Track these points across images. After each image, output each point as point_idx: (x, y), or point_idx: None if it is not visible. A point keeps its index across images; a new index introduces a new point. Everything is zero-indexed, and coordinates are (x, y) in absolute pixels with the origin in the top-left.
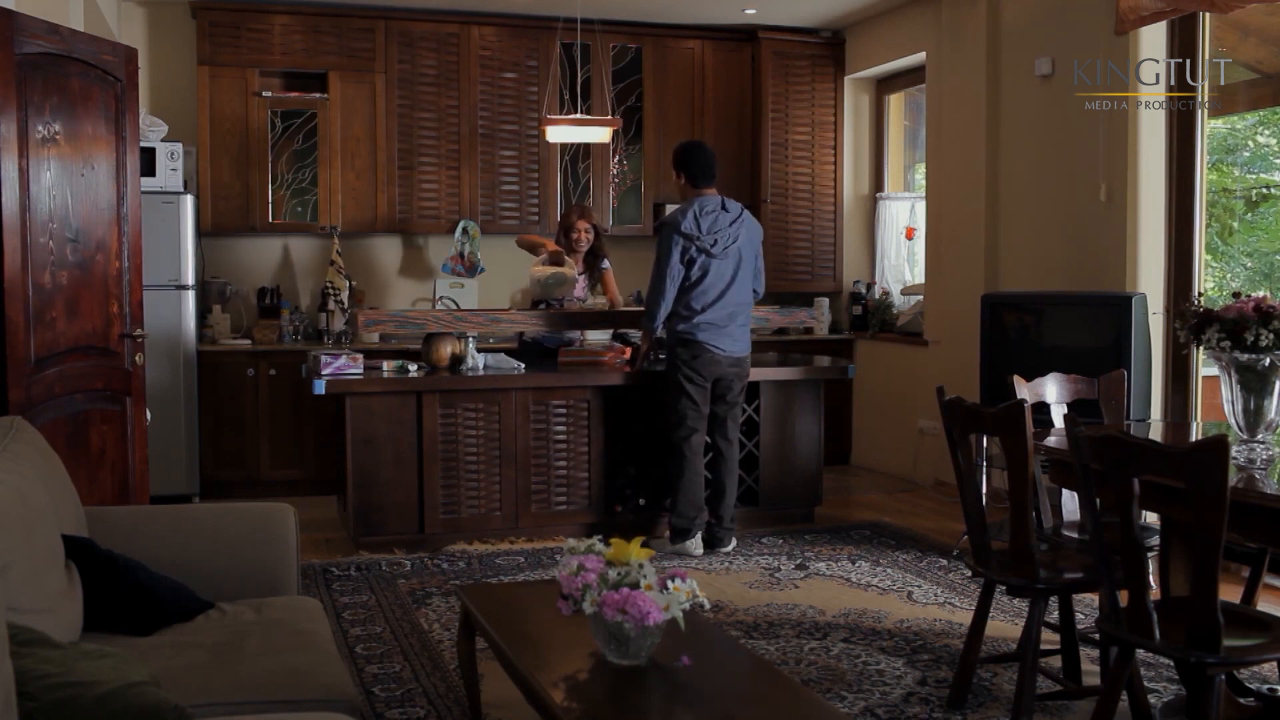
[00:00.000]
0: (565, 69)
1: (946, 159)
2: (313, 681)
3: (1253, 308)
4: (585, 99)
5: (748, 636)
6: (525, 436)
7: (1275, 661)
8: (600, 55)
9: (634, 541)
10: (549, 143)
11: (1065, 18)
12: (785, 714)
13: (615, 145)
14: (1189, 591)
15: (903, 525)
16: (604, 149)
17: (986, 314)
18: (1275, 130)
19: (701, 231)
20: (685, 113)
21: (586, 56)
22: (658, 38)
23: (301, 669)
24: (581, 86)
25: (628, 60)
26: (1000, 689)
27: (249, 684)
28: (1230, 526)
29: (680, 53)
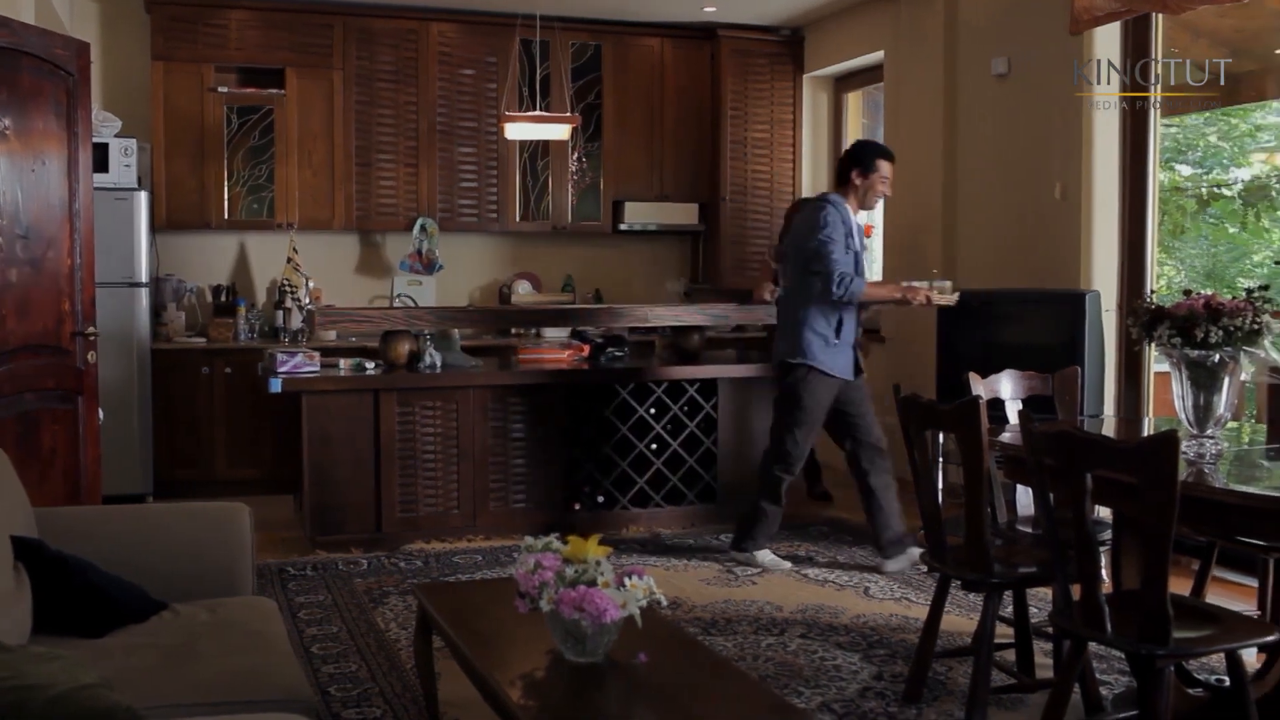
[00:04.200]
0: (524, 66)
1: (904, 157)
2: (267, 682)
3: (1203, 305)
4: (544, 96)
5: (705, 633)
6: (483, 434)
7: (1223, 653)
8: (560, 52)
9: (591, 539)
10: (508, 140)
11: (1021, 17)
12: (742, 710)
13: (574, 143)
14: (1140, 585)
15: (860, 521)
16: (563, 146)
17: (943, 311)
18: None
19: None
20: (645, 111)
21: (546, 53)
22: (617, 35)
23: (256, 670)
24: (541, 83)
25: (587, 57)
26: (955, 683)
27: (202, 685)
28: (1180, 520)
29: (640, 50)
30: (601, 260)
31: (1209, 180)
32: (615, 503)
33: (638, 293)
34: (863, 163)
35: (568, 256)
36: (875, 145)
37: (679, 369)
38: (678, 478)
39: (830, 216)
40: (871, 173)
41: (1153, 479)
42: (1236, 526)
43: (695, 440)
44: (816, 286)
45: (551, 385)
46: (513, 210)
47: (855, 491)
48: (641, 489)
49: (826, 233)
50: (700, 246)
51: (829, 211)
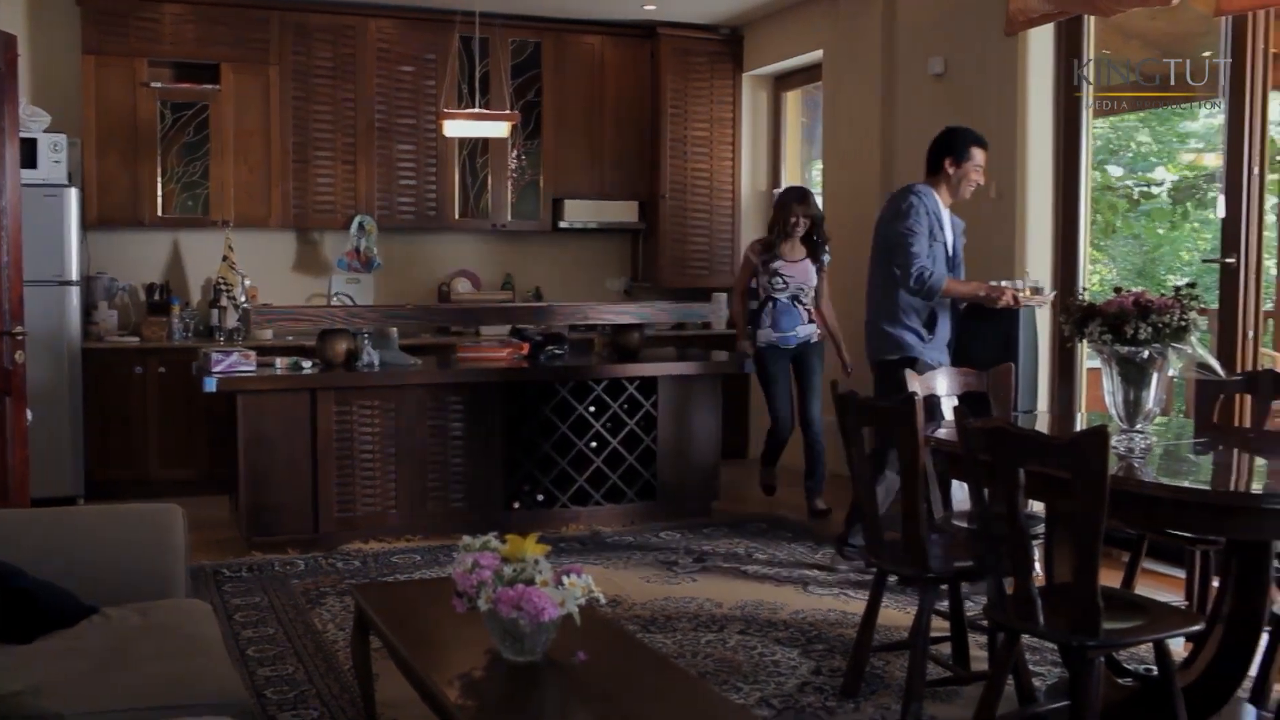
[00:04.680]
0: (464, 63)
1: (842, 155)
2: (201, 686)
3: (1132, 302)
4: (484, 93)
5: (645, 630)
6: (422, 433)
7: (1151, 643)
8: (499, 50)
9: (530, 537)
10: (447, 137)
11: (958, 18)
12: (680, 706)
13: (514, 140)
14: (1071, 578)
15: (799, 518)
16: (502, 144)
17: None
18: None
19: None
20: (585, 108)
21: (485, 50)
22: (557, 33)
23: (189, 674)
24: (480, 81)
25: (527, 55)
26: (892, 676)
27: (133, 690)
28: (1111, 514)
29: (580, 48)
30: (541, 258)
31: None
32: (555, 501)
33: (578, 291)
34: (956, 150)
35: (507, 254)
36: (969, 131)
37: (619, 367)
38: (617, 476)
39: (914, 206)
40: (965, 160)
41: (1083, 474)
42: (1165, 519)
43: (635, 438)
44: (897, 279)
45: (491, 384)
46: (452, 208)
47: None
48: (581, 487)
49: (908, 223)
50: (640, 244)
51: (912, 201)
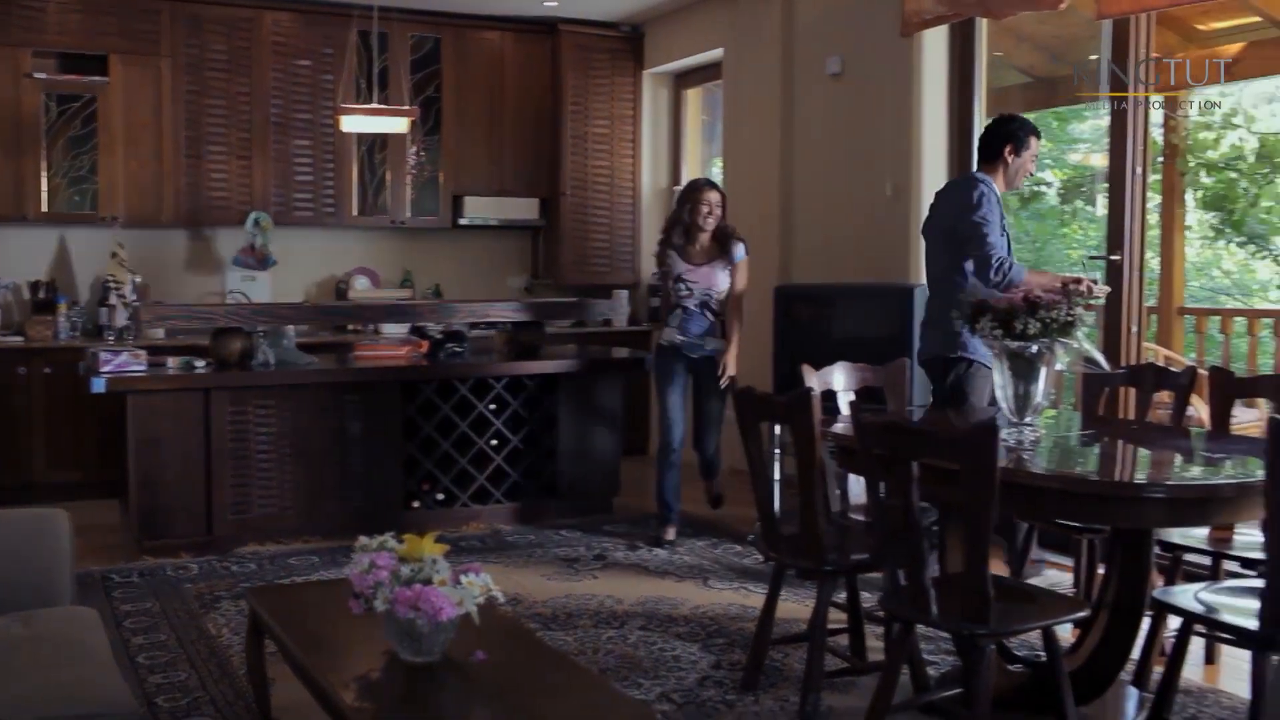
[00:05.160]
0: (362, 58)
1: (742, 153)
2: (87, 695)
3: (1022, 298)
4: (383, 89)
5: (546, 628)
6: (320, 433)
7: (1040, 630)
8: (398, 45)
9: (428, 536)
10: (344, 132)
11: (855, 18)
12: (580, 703)
13: (414, 136)
14: (963, 568)
15: (699, 513)
16: (402, 140)
17: (779, 305)
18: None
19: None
20: (485, 104)
21: (384, 45)
22: (457, 28)
23: (75, 683)
24: (379, 76)
25: (427, 50)
26: (791, 668)
27: (17, 703)
28: (1001, 505)
29: (480, 44)
30: (441, 255)
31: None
32: (455, 500)
33: (478, 288)
34: (1018, 138)
35: (406, 251)
36: (1027, 120)
37: (519, 365)
38: (518, 474)
39: (985, 196)
40: (1025, 150)
41: (973, 466)
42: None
43: (536, 436)
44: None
45: (390, 382)
46: (350, 204)
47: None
48: (482, 486)
49: (982, 213)
50: (541, 242)
51: (983, 190)
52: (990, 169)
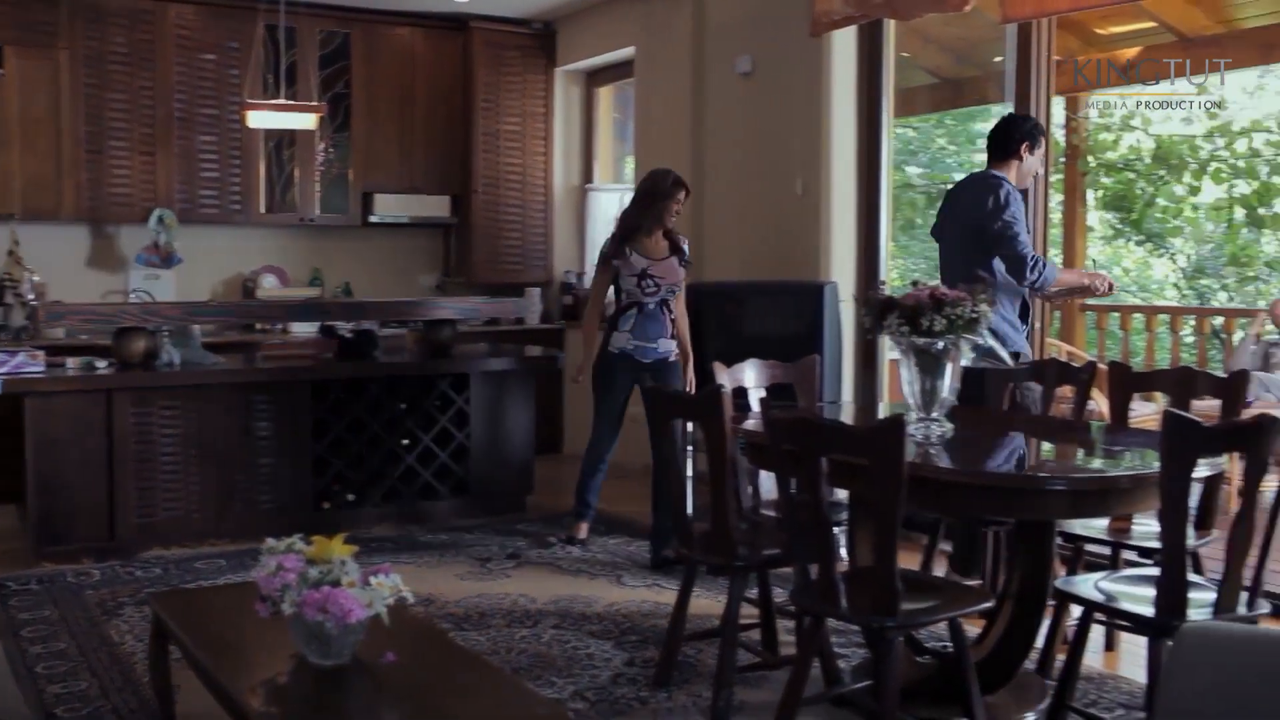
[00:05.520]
0: (269, 52)
1: (654, 152)
2: None
3: (928, 295)
4: (290, 84)
5: (458, 628)
6: (227, 434)
7: (947, 621)
8: (306, 39)
9: (336, 538)
10: (251, 128)
11: (765, 18)
12: (491, 703)
13: (322, 132)
14: (872, 562)
15: (613, 511)
16: (310, 136)
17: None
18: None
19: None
20: (396, 100)
21: (292, 40)
22: (367, 23)
23: None
24: (286, 71)
25: (335, 45)
26: (704, 664)
27: None
28: (910, 499)
29: (390, 40)
30: (351, 253)
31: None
32: (367, 500)
33: (389, 286)
34: (1034, 137)
35: (316, 249)
36: (1037, 120)
37: (431, 363)
38: (430, 473)
39: (1011, 195)
40: (1038, 149)
41: (881, 461)
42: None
43: (448, 435)
44: (999, 270)
45: (299, 382)
46: (257, 201)
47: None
48: (394, 485)
49: (1011, 212)
50: (453, 239)
51: (1009, 190)
52: (1004, 167)
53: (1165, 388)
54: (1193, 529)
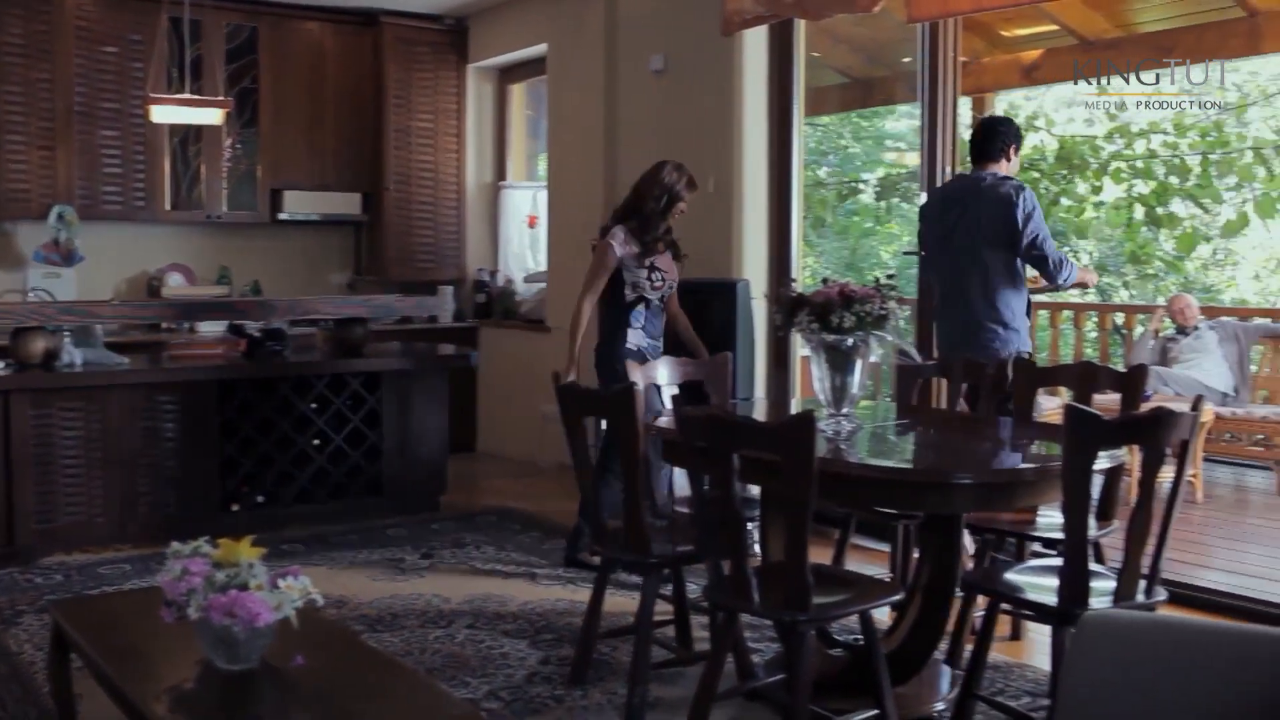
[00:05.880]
0: (173, 46)
1: (567, 149)
2: None
3: (837, 293)
4: (196, 78)
5: (371, 630)
6: (132, 436)
7: (858, 614)
8: (212, 33)
9: (244, 540)
10: (155, 123)
11: (677, 17)
12: (402, 704)
13: (229, 128)
14: (784, 556)
15: (527, 509)
16: (217, 132)
17: None
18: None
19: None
20: (305, 96)
21: (197, 33)
22: (275, 17)
23: None
24: (191, 65)
25: (243, 39)
26: (619, 662)
27: None
28: (821, 494)
29: (299, 34)
30: (260, 251)
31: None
32: (277, 502)
33: (299, 285)
34: (1019, 140)
35: (223, 247)
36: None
37: (341, 362)
38: (342, 474)
39: (1031, 197)
40: (1019, 152)
41: (792, 457)
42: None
43: (360, 435)
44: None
45: (206, 382)
46: (162, 198)
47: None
48: (304, 486)
49: (1039, 215)
50: (364, 237)
51: (1028, 192)
52: (993, 167)
53: (1068, 382)
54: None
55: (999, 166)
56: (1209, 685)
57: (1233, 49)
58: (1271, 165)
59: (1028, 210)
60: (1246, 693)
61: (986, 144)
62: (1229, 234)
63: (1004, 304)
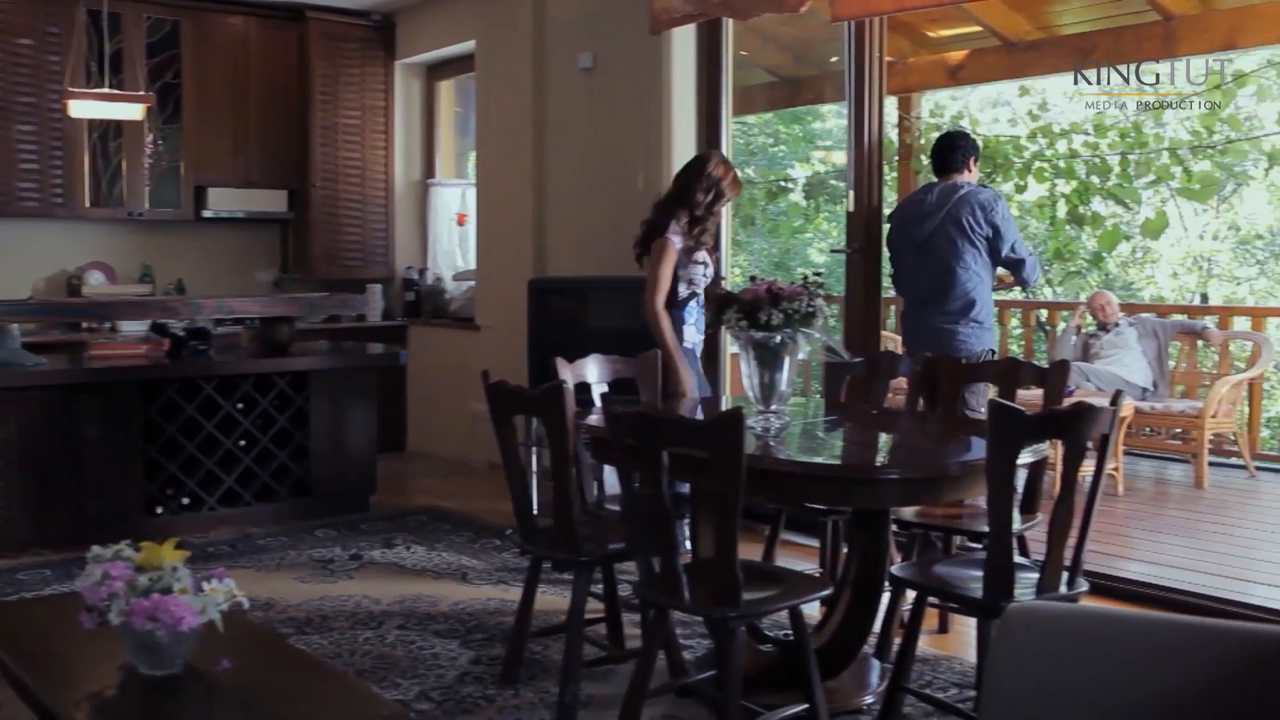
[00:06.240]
0: (92, 39)
1: (496, 147)
2: None
3: (765, 290)
4: (116, 72)
5: (300, 632)
6: (50, 438)
7: (787, 610)
8: (132, 27)
9: (167, 543)
10: (74, 118)
11: (605, 15)
12: (330, 706)
13: (151, 124)
14: (713, 553)
15: (458, 508)
16: (138, 127)
17: (533, 298)
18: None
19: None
20: (229, 92)
21: (117, 27)
22: (197, 11)
23: None
24: (111, 59)
25: (164, 33)
26: (551, 660)
27: None
28: (751, 490)
29: (222, 28)
30: (183, 249)
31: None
32: (202, 504)
33: (224, 283)
34: (978, 152)
35: (146, 245)
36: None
37: (268, 362)
38: (269, 474)
39: (1006, 204)
40: (977, 164)
41: (721, 454)
42: (798, 493)
43: (287, 435)
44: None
45: (128, 383)
46: (82, 194)
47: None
48: (231, 488)
49: (1013, 220)
50: (290, 235)
51: (1003, 199)
52: (956, 177)
53: (992, 378)
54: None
55: (962, 176)
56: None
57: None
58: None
59: (1006, 216)
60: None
61: (949, 156)
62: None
63: (981, 302)
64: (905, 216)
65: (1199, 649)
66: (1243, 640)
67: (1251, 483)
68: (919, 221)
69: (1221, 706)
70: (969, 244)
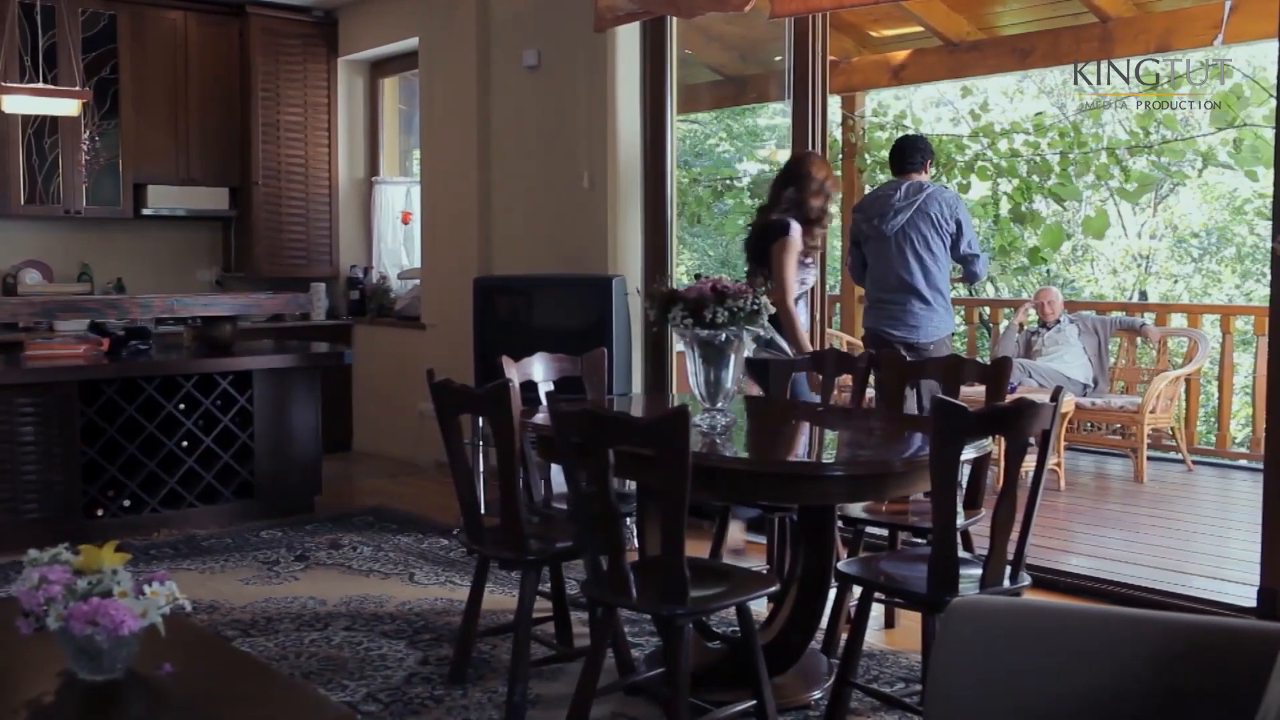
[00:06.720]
0: (25, 32)
1: (440, 144)
2: None
3: (710, 288)
4: (51, 67)
5: (245, 635)
6: None
7: (735, 607)
8: (67, 20)
9: (107, 546)
10: (7, 114)
11: (550, 12)
12: (275, 709)
13: (88, 120)
14: (660, 551)
15: (405, 508)
16: (74, 123)
17: (479, 297)
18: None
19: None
20: (168, 88)
21: (51, 20)
22: (134, 5)
23: None
24: (46, 53)
25: (100, 28)
26: (499, 660)
27: None
28: (697, 488)
29: (161, 24)
30: (123, 247)
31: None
32: (144, 506)
33: (165, 282)
34: (932, 154)
35: (83, 243)
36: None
37: (210, 361)
38: (212, 475)
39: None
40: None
41: (666, 451)
42: (745, 490)
43: (230, 435)
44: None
45: (66, 383)
46: (17, 192)
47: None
48: (173, 489)
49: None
50: (232, 233)
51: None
52: (916, 177)
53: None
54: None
55: (921, 176)
56: (1073, 665)
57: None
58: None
59: (966, 214)
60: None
61: (908, 158)
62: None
63: (946, 291)
64: (874, 210)
65: (1139, 640)
66: (1182, 630)
67: (1189, 476)
68: (890, 215)
69: (1162, 695)
70: (937, 236)
